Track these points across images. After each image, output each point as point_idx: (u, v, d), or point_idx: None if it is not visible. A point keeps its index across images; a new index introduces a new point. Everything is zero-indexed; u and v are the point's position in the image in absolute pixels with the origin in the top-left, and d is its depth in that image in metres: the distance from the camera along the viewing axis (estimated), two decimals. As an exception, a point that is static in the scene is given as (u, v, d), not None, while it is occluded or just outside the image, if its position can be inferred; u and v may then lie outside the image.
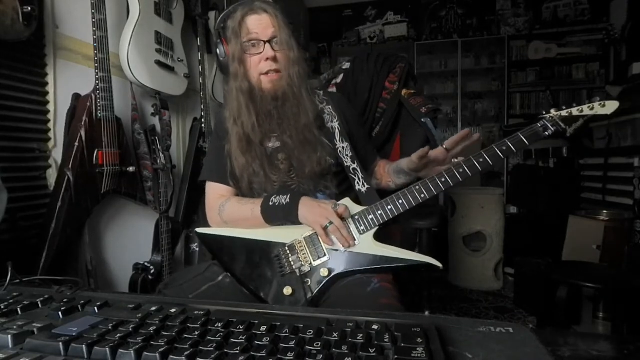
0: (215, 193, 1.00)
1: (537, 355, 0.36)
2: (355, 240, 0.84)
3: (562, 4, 3.87)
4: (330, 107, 1.00)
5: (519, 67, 3.98)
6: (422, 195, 0.84)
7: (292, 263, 0.85)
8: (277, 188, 0.93)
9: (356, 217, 0.87)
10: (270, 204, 0.87)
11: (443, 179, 0.83)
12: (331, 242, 0.84)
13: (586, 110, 0.83)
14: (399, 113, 1.30)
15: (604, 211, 2.21)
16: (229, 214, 0.94)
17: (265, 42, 0.88)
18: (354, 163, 0.95)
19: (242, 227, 0.93)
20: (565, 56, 3.83)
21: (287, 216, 0.86)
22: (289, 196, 0.86)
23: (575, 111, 0.84)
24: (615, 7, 3.58)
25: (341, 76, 1.41)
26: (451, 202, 2.73)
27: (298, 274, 0.84)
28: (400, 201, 0.85)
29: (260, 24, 0.88)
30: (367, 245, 0.84)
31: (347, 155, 0.95)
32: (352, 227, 0.86)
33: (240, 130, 0.92)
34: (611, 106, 0.82)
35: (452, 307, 2.32)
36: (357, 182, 0.94)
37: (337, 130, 0.96)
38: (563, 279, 1.54)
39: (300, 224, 0.87)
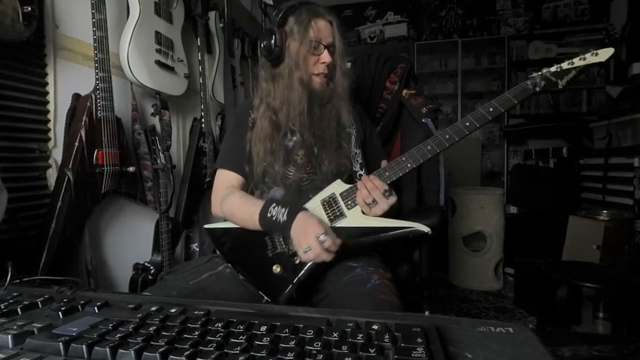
0: (224, 181, 1.01)
1: (537, 355, 0.36)
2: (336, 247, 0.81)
3: (562, 4, 3.86)
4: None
5: (519, 67, 3.97)
6: (409, 165, 0.86)
7: (282, 242, 0.88)
8: (280, 199, 0.93)
9: (344, 194, 0.90)
10: (269, 215, 0.85)
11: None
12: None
13: (578, 62, 0.80)
14: (399, 113, 1.30)
15: (604, 211, 2.20)
16: (229, 209, 0.95)
17: (325, 47, 0.95)
18: (362, 170, 1.00)
19: (237, 224, 0.94)
20: (566, 56, 3.80)
21: (283, 233, 0.86)
22: (286, 212, 0.84)
23: (565, 65, 0.80)
24: (615, 7, 3.57)
25: (342, 76, 1.41)
26: (451, 202, 2.73)
27: (288, 253, 0.86)
28: (387, 173, 0.88)
29: (325, 30, 0.95)
30: (355, 218, 0.87)
31: (357, 161, 1.00)
32: (341, 203, 0.89)
33: (271, 117, 0.96)
34: (605, 53, 0.78)
35: (452, 307, 2.32)
36: None
37: (353, 137, 1.01)
38: (563, 279, 1.54)
39: None
